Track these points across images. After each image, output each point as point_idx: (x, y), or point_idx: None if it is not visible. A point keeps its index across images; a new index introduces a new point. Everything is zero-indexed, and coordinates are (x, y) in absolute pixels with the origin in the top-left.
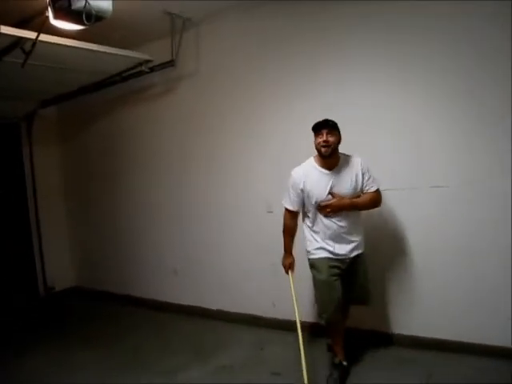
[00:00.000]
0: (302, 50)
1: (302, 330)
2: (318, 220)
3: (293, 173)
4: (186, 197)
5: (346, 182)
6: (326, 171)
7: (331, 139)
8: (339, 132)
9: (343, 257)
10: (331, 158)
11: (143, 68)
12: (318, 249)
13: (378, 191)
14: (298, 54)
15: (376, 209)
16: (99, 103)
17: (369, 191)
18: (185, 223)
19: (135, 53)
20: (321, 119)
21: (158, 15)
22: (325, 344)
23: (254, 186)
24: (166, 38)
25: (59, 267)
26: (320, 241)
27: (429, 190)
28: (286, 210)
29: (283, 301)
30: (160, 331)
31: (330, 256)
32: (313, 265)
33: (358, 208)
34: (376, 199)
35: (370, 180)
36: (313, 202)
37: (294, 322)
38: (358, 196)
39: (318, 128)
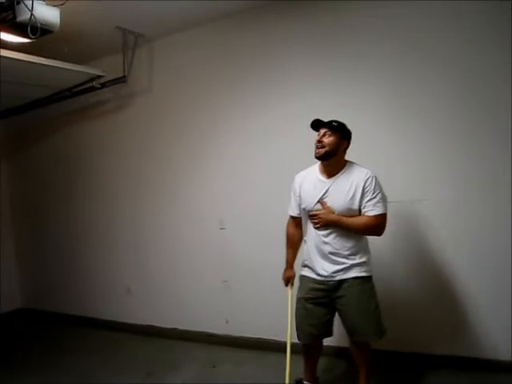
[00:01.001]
0: (257, 64)
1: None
2: (308, 230)
3: (296, 176)
4: (139, 214)
5: (341, 195)
6: (324, 178)
7: (327, 140)
8: (345, 136)
9: (324, 278)
10: (330, 164)
11: (94, 84)
12: (305, 266)
13: (379, 217)
14: (253, 68)
15: None
16: (49, 119)
17: (366, 214)
18: (138, 241)
19: (85, 67)
20: (280, 135)
21: (109, 30)
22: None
23: (207, 203)
24: (118, 53)
25: (5, 287)
26: (307, 256)
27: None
28: (290, 217)
29: (236, 317)
30: (112, 352)
31: (314, 276)
32: (300, 280)
33: (345, 228)
34: (372, 225)
35: (372, 202)
36: (304, 209)
37: (248, 339)
38: (357, 215)
39: (316, 126)
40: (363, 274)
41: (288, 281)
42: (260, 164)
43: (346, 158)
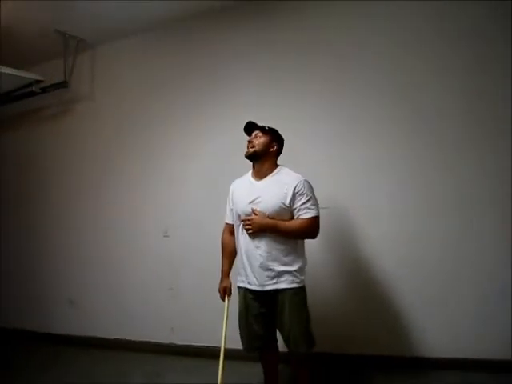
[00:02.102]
0: (200, 73)
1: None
2: (239, 236)
3: (232, 183)
4: (81, 222)
5: (272, 197)
6: (255, 181)
7: (257, 141)
8: (275, 139)
9: (257, 287)
10: (260, 165)
11: (34, 88)
12: (239, 274)
13: (313, 220)
14: (196, 77)
15: None
16: None
17: (301, 217)
18: (80, 249)
19: (22, 72)
20: (219, 142)
21: (49, 34)
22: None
23: (151, 211)
24: (60, 58)
25: None
26: (240, 264)
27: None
28: (225, 224)
29: (181, 326)
30: (55, 367)
31: (248, 286)
32: (238, 291)
33: (280, 233)
34: (307, 228)
35: (306, 205)
36: (236, 214)
37: (193, 347)
38: (288, 218)
39: (249, 129)
40: (295, 285)
41: (224, 292)
42: (201, 172)
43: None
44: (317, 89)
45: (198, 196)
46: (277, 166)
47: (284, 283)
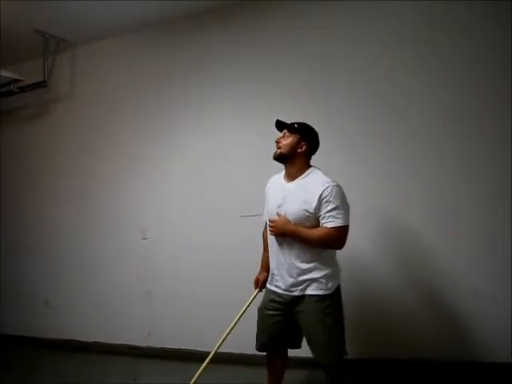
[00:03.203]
0: (182, 74)
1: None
2: (269, 238)
3: (269, 179)
4: (58, 224)
5: (296, 203)
6: (285, 182)
7: (284, 141)
8: (305, 138)
9: (281, 291)
10: (290, 167)
11: (12, 87)
12: (270, 275)
13: (338, 230)
14: (177, 78)
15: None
16: None
17: (325, 225)
18: (56, 250)
19: (1, 71)
20: (204, 143)
21: (28, 33)
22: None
23: (129, 214)
24: (39, 57)
25: None
26: (270, 265)
27: None
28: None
29: (159, 329)
30: (30, 371)
31: (273, 288)
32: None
33: (300, 240)
34: (330, 238)
35: (332, 213)
36: (267, 213)
37: (170, 350)
38: (315, 225)
39: (279, 126)
40: (320, 293)
41: (256, 283)
42: (182, 175)
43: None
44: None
45: (176, 198)
46: (308, 167)
47: (307, 290)
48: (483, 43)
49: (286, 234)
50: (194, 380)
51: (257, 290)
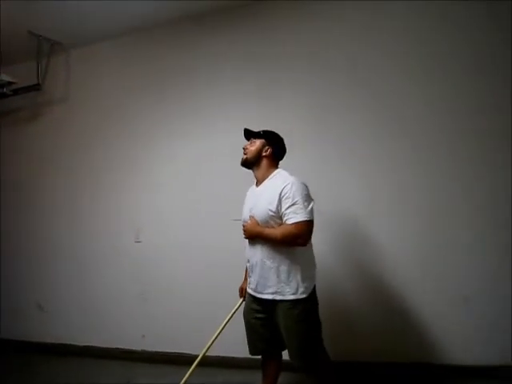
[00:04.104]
0: (177, 77)
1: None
2: (245, 241)
3: None
4: (52, 226)
5: (262, 204)
6: (255, 187)
7: (249, 147)
8: (269, 142)
9: (257, 294)
10: (256, 172)
11: (5, 90)
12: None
13: (299, 225)
14: (173, 81)
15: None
16: None
17: (287, 222)
18: (50, 253)
19: None
20: (198, 146)
21: (22, 36)
22: None
23: (124, 217)
24: (33, 60)
25: None
26: (248, 269)
27: None
28: None
29: (153, 332)
30: (22, 375)
31: (250, 291)
32: None
33: (267, 240)
34: (291, 234)
35: (291, 209)
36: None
37: (164, 354)
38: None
39: (246, 136)
40: (291, 298)
41: (241, 292)
42: (176, 177)
43: None
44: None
45: (170, 201)
46: (274, 170)
47: (279, 295)
48: (481, 43)
49: (255, 235)
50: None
51: (241, 298)
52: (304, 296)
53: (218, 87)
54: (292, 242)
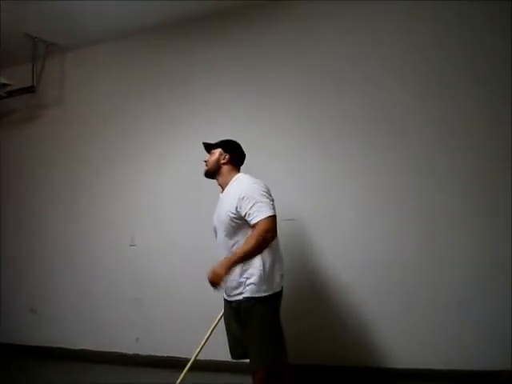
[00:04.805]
0: (173, 81)
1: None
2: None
3: None
4: (46, 230)
5: (223, 209)
6: (220, 194)
7: (209, 159)
8: (226, 150)
9: (226, 296)
10: (219, 179)
11: (0, 92)
12: None
13: (263, 222)
14: (171, 84)
15: None
16: None
17: (251, 223)
18: (43, 257)
19: None
20: (195, 150)
21: (17, 37)
22: None
23: (118, 220)
24: (28, 62)
25: None
26: None
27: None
28: None
29: (147, 336)
30: (15, 379)
31: (223, 295)
32: None
33: (241, 260)
34: (262, 231)
35: (253, 209)
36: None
37: (159, 357)
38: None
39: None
40: (247, 295)
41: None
42: (171, 182)
43: None
44: (288, 102)
45: (168, 204)
46: (234, 175)
47: (240, 295)
48: (476, 44)
49: (224, 272)
50: None
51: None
52: (262, 295)
53: (215, 92)
54: (264, 238)
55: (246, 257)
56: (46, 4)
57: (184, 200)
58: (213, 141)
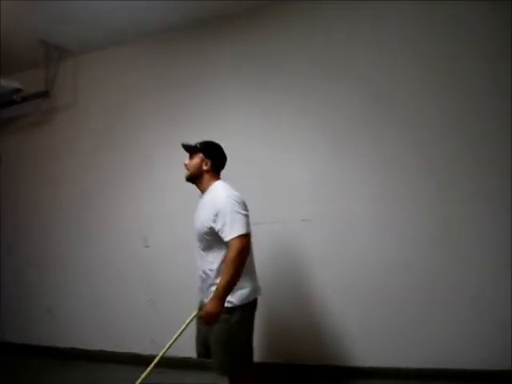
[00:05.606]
0: (185, 83)
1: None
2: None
3: None
4: (60, 232)
5: (198, 218)
6: (200, 197)
7: (189, 163)
8: (208, 155)
9: (200, 302)
10: (199, 185)
11: (14, 97)
12: None
13: (236, 240)
14: (182, 87)
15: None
16: None
17: (225, 240)
18: (59, 259)
19: (3, 80)
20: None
21: (33, 43)
22: None
23: (131, 222)
24: (41, 67)
25: None
26: None
27: (299, 223)
28: None
29: (162, 337)
30: (33, 379)
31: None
32: None
33: (229, 286)
34: (235, 251)
35: (226, 227)
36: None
37: (173, 358)
38: (216, 238)
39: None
40: (229, 304)
41: None
42: (183, 183)
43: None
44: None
45: (179, 204)
46: (215, 181)
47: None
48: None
49: (217, 311)
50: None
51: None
52: (232, 306)
53: (226, 91)
54: (240, 260)
55: (230, 286)
56: (58, 9)
57: (197, 201)
58: (227, 140)
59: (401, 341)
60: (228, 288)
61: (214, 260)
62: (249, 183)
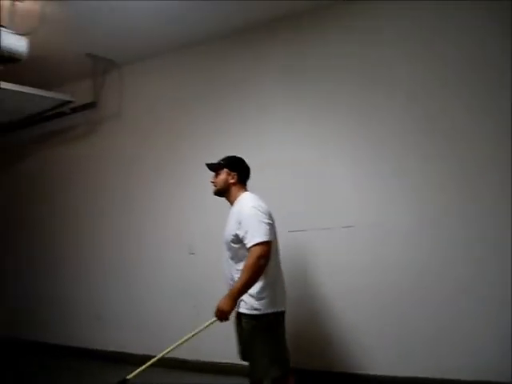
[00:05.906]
0: (227, 91)
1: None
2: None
3: None
4: (108, 241)
5: (227, 229)
6: (230, 208)
7: (217, 179)
8: (233, 169)
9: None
10: (228, 197)
11: (64, 109)
12: None
13: (255, 248)
14: (224, 94)
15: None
16: (18, 144)
17: (247, 247)
18: (108, 268)
19: (54, 93)
20: (250, 158)
21: (80, 56)
22: None
23: (175, 228)
24: (88, 78)
25: None
26: None
27: (339, 230)
28: None
29: (206, 343)
30: (80, 382)
31: None
32: None
33: (243, 289)
34: (254, 261)
35: (248, 234)
36: None
37: (217, 364)
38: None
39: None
40: (246, 311)
41: None
42: None
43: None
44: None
45: (221, 213)
46: (242, 192)
47: (241, 307)
48: None
49: (229, 308)
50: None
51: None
52: (257, 313)
53: (273, 98)
54: (258, 265)
55: (245, 288)
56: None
57: None
58: (271, 148)
59: (435, 348)
60: (242, 290)
61: (241, 268)
62: (296, 194)
